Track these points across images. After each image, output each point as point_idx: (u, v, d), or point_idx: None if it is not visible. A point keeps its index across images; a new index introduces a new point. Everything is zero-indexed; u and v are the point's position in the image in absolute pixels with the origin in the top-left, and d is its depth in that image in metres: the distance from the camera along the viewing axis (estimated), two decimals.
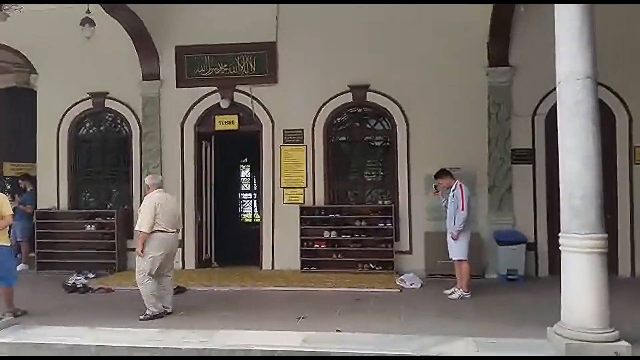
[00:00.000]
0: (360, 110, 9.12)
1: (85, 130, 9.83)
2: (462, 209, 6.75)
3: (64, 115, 9.57)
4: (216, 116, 9.22)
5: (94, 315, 6.00)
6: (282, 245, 8.92)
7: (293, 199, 8.95)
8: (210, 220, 9.77)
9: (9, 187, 10.52)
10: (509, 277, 7.98)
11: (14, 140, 11.75)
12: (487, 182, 8.51)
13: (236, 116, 9.16)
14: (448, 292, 6.99)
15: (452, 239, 6.87)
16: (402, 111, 8.78)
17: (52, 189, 9.50)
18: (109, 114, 9.68)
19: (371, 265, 8.53)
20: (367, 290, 7.26)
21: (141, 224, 5.80)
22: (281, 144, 9.04)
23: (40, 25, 9.08)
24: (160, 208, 5.88)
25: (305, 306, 6.29)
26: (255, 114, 9.10)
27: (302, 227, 8.70)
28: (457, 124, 8.49)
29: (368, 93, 8.83)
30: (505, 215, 8.45)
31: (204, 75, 9.19)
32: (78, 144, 9.73)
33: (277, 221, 8.99)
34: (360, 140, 9.17)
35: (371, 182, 9.36)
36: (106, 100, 9.49)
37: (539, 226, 8.38)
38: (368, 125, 9.21)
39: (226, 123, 9.19)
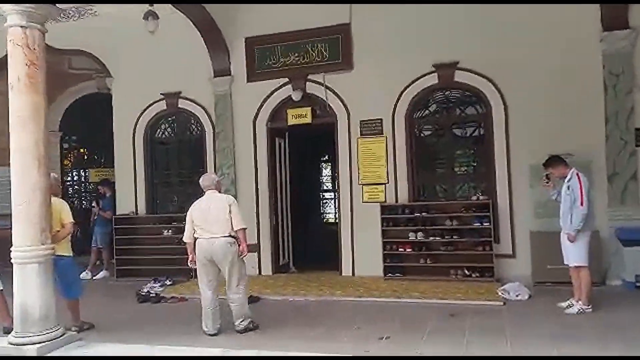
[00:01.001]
0: (447, 92, 8.03)
1: (160, 132, 9.63)
2: (582, 204, 5.50)
3: (138, 118, 9.41)
4: (288, 110, 8.57)
5: (160, 328, 5.63)
6: (362, 249, 8.08)
7: (373, 196, 8.06)
8: (287, 223, 9.15)
9: (94, 193, 10.64)
10: (638, 284, 6.60)
11: (99, 146, 12.02)
12: (605, 170, 7.08)
13: (309, 109, 8.44)
14: (564, 305, 5.78)
15: (569, 240, 5.64)
16: (499, 91, 7.56)
17: (130, 194, 9.39)
18: (183, 114, 9.38)
19: (466, 271, 7.43)
20: (462, 302, 6.22)
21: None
22: (358, 136, 8.19)
23: (114, 28, 8.89)
24: (195, 213, 5.40)
25: (389, 322, 5.46)
26: (329, 105, 8.33)
27: (384, 228, 7.79)
28: (566, 101, 7.15)
29: (456, 72, 7.71)
30: (629, 208, 6.98)
31: (275, 67, 8.58)
32: (154, 147, 9.53)
33: (356, 222, 8.16)
34: (448, 128, 8.07)
35: (463, 175, 8.25)
36: (179, 100, 9.19)
37: None
38: (457, 110, 8.09)
39: (299, 117, 8.50)
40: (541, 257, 7.00)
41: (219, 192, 5.59)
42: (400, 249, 7.74)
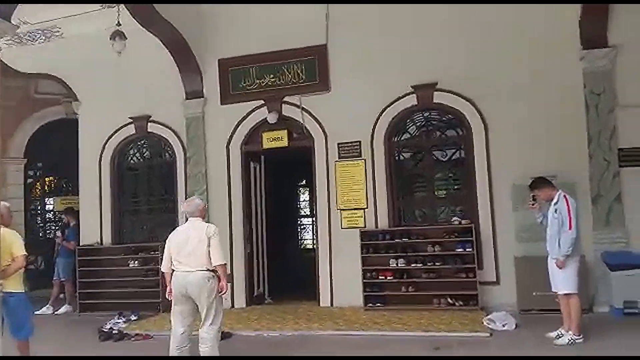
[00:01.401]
0: (427, 114, 7.81)
1: (128, 158, 9.19)
2: (570, 228, 5.21)
3: (105, 143, 8.98)
4: (264, 133, 8.24)
5: None
6: (341, 278, 7.69)
7: (352, 222, 7.72)
8: (263, 251, 8.72)
9: (61, 223, 10.06)
10: (627, 310, 6.34)
11: (66, 173, 11.48)
12: (589, 191, 6.89)
13: (285, 131, 8.13)
14: (553, 335, 5.45)
15: (558, 266, 5.33)
16: (479, 111, 7.38)
17: (94, 223, 8.87)
18: (153, 139, 8.97)
19: (449, 299, 7.08)
20: (447, 334, 5.85)
21: None
22: (336, 159, 7.89)
23: (80, 50, 8.60)
24: (173, 244, 4.92)
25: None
26: (305, 127, 8.03)
27: (364, 255, 7.42)
28: (547, 122, 6.99)
29: (435, 93, 7.52)
30: (615, 231, 6.79)
31: (250, 89, 8.29)
32: (121, 174, 9.08)
33: (335, 249, 7.79)
34: (428, 150, 7.82)
35: (444, 199, 7.97)
36: (149, 124, 8.80)
37: None
38: (437, 132, 7.87)
39: (275, 140, 8.18)
40: (526, 283, 6.73)
41: (203, 219, 5.07)
42: (380, 277, 7.36)
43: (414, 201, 7.99)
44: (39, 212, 11.46)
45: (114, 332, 6.82)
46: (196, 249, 4.79)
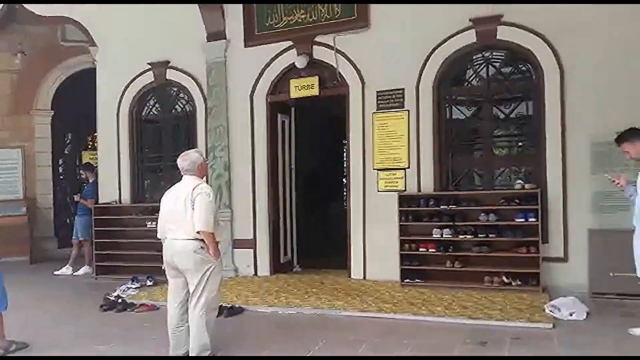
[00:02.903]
0: (487, 55, 6.42)
1: (147, 109, 8.36)
2: None
3: (123, 92, 8.18)
4: (292, 80, 7.15)
5: (108, 351, 4.41)
6: (375, 248, 6.63)
7: (390, 184, 6.58)
8: (291, 214, 7.78)
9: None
10: None
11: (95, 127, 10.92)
12: None
13: (316, 78, 7.00)
14: (638, 332, 4.20)
15: None
16: (553, 50, 5.94)
17: (113, 180, 8.20)
18: (172, 88, 8.09)
19: (505, 278, 5.87)
20: (498, 324, 4.69)
21: None
22: (374, 110, 6.71)
23: None
24: (163, 206, 4.13)
25: (398, 350, 4.07)
26: (339, 73, 6.87)
27: (403, 223, 6.29)
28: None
29: (499, 28, 6.11)
30: None
31: (277, 28, 7.18)
32: (140, 126, 8.29)
33: (369, 215, 6.70)
34: (488, 99, 6.46)
35: (504, 159, 6.67)
36: (168, 70, 7.90)
37: None
38: (500, 77, 6.48)
39: (304, 88, 7.08)
40: (602, 262, 5.49)
41: (201, 178, 4.16)
42: (421, 249, 6.23)
43: (467, 161, 6.71)
44: (66, 167, 10.99)
45: (118, 301, 6.16)
46: (181, 212, 3.93)
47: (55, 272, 8.26)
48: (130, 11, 7.91)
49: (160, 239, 4.12)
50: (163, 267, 4.15)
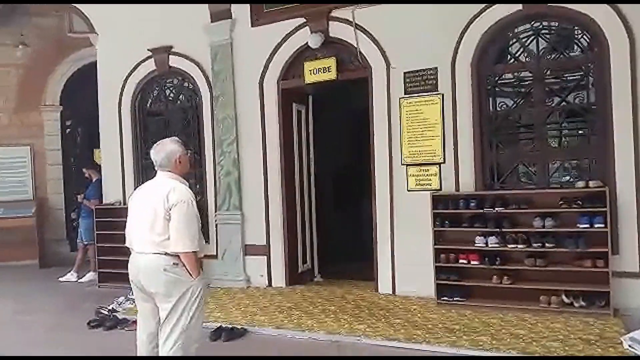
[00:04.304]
0: (537, 25, 5.28)
1: (150, 100, 7.57)
2: None
3: (125, 83, 7.42)
4: (305, 63, 6.21)
5: None
6: (406, 258, 5.64)
7: (422, 183, 5.57)
8: (311, 216, 6.87)
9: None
10: None
11: None
12: None
13: (333, 60, 6.03)
14: None
15: None
16: (621, 17, 4.77)
17: (116, 179, 7.46)
18: (176, 75, 7.27)
19: (565, 298, 4.78)
20: None
21: None
22: (402, 95, 5.69)
23: None
24: (130, 210, 3.32)
25: None
26: (359, 52, 5.87)
27: (438, 228, 5.28)
28: None
29: None
30: None
31: (288, 2, 6.23)
32: (143, 119, 7.51)
33: (398, 219, 5.71)
34: (539, 79, 5.33)
35: (562, 151, 5.57)
36: (170, 56, 7.08)
37: None
38: (552, 52, 5.33)
39: (320, 72, 6.12)
40: None
41: (181, 175, 3.26)
42: (461, 261, 5.19)
43: (516, 154, 5.57)
44: (78, 164, 10.40)
45: (112, 315, 5.44)
46: (151, 222, 3.07)
47: (60, 279, 7.68)
48: None
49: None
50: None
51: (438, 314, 4.90)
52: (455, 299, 5.14)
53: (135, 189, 7.11)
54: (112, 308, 5.73)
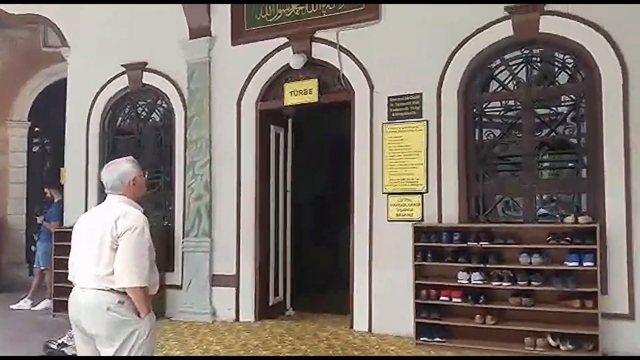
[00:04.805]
0: (527, 52, 5.12)
1: (121, 118, 7.21)
2: None
3: (95, 99, 7.07)
4: (286, 84, 5.95)
5: None
6: (384, 293, 5.27)
7: (404, 213, 5.26)
8: (285, 246, 6.49)
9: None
10: None
11: None
12: None
13: (315, 81, 5.78)
14: None
15: None
16: (613, 45, 4.63)
17: (79, 200, 7.02)
18: (149, 93, 6.95)
19: (551, 340, 4.46)
20: None
21: None
22: (385, 120, 5.43)
23: None
24: (74, 240, 2.91)
25: None
26: (342, 75, 5.63)
27: (419, 262, 4.94)
28: None
29: (543, 18, 4.84)
30: None
31: (270, 22, 6.01)
32: (111, 139, 7.14)
33: (376, 251, 5.36)
34: (528, 107, 5.12)
35: (550, 183, 5.33)
36: (144, 73, 6.77)
37: None
38: (542, 81, 5.16)
39: (301, 93, 5.86)
40: None
41: (134, 199, 2.88)
42: (443, 297, 4.85)
43: (502, 185, 5.32)
44: (43, 183, 9.91)
45: (62, 350, 4.94)
46: (97, 253, 2.68)
47: (12, 307, 7.12)
48: (103, 4, 6.87)
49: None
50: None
51: (417, 355, 4.52)
52: (435, 339, 4.77)
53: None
54: (63, 342, 5.17)
